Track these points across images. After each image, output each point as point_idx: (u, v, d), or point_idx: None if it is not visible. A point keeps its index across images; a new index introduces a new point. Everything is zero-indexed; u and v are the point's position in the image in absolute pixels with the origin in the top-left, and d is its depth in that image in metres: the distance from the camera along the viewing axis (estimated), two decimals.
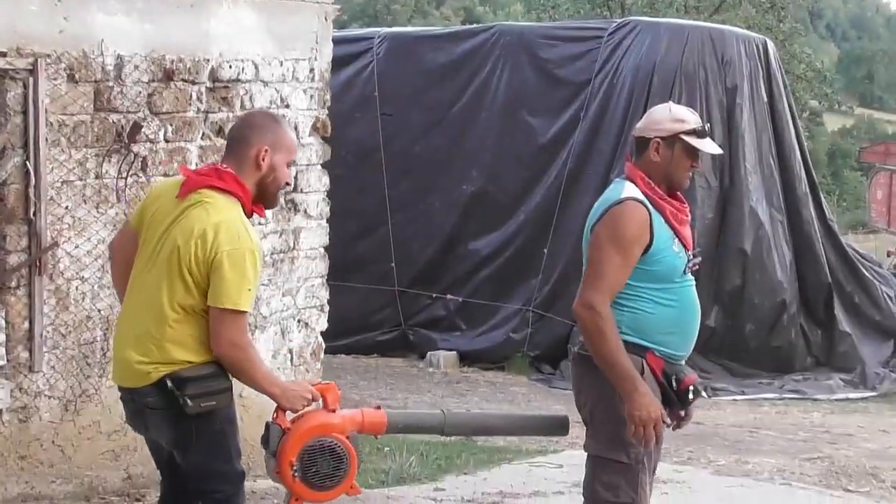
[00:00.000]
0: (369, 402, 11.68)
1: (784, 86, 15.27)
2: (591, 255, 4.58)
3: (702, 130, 4.71)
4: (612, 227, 4.55)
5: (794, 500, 7.78)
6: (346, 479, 4.64)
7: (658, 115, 4.75)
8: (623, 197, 4.60)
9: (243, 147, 4.53)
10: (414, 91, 15.33)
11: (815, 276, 14.60)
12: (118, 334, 4.70)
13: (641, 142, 4.73)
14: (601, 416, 4.60)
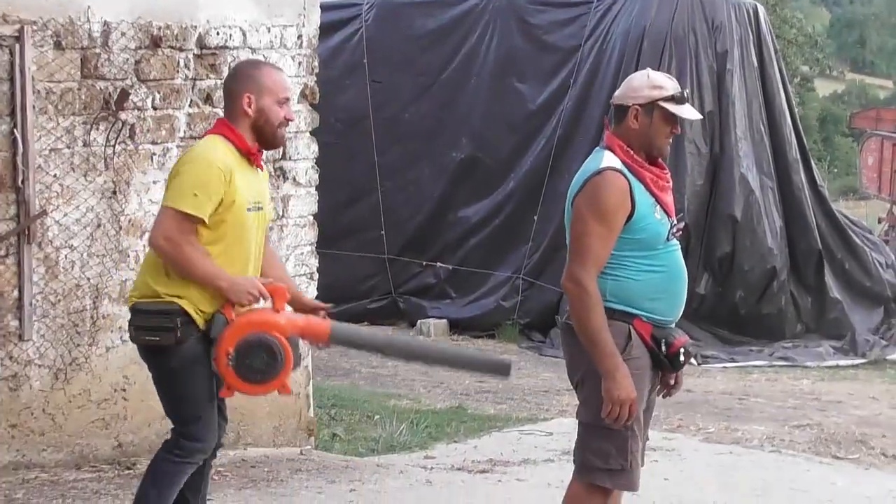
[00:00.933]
0: (360, 370, 11.71)
1: (775, 51, 15.22)
2: (574, 228, 4.57)
3: (680, 96, 4.68)
4: (593, 199, 4.54)
5: (784, 467, 7.80)
6: (276, 377, 4.68)
7: (636, 82, 4.73)
8: (602, 167, 4.58)
9: (232, 99, 4.84)
10: (403, 57, 15.27)
11: (805, 243, 14.60)
12: None
13: (620, 109, 4.71)
14: (591, 384, 4.59)
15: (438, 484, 6.70)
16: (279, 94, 4.84)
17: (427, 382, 11.22)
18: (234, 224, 4.71)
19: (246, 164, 4.81)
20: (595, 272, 4.51)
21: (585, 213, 4.54)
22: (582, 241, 4.53)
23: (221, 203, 4.66)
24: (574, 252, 4.55)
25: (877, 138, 30.67)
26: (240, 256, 4.77)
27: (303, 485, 6.36)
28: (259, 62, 5.29)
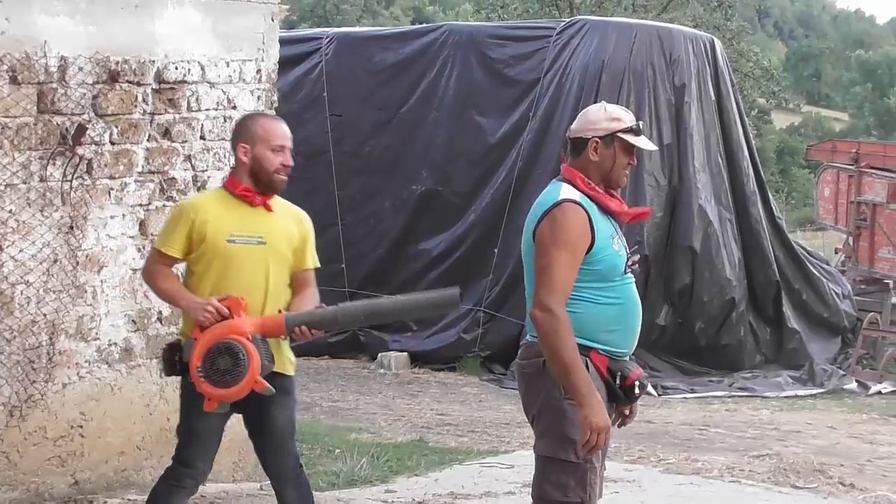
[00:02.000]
0: (321, 404, 11.67)
1: (732, 84, 15.35)
2: (539, 261, 4.57)
3: (637, 128, 4.75)
4: (555, 229, 4.55)
5: (744, 497, 7.81)
6: (245, 375, 4.92)
7: (594, 115, 4.76)
8: (560, 199, 4.60)
9: (232, 149, 5.28)
10: (363, 91, 15.31)
11: (763, 274, 14.70)
12: None
13: (579, 142, 4.74)
14: (549, 416, 4.60)
15: None
16: (272, 141, 5.17)
17: (388, 416, 11.20)
18: (215, 257, 5.07)
19: (242, 205, 5.18)
20: (563, 300, 4.52)
21: (549, 244, 4.55)
22: (547, 271, 4.54)
23: (193, 239, 5.08)
24: (541, 283, 4.55)
25: (833, 170, 30.90)
26: (235, 288, 5.05)
27: None
28: (256, 114, 5.85)
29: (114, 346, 6.26)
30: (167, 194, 6.52)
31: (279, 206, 5.29)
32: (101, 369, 6.23)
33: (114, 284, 6.27)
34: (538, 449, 4.67)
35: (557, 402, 4.58)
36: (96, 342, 6.20)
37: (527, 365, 4.68)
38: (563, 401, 4.57)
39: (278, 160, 5.18)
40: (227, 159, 6.88)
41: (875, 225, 30.67)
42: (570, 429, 4.56)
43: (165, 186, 6.52)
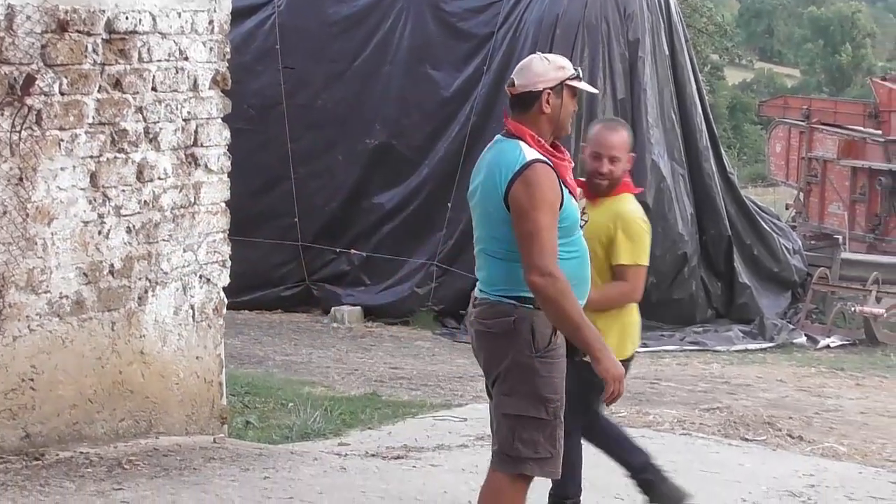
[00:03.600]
0: (274, 358, 11.66)
1: (685, 39, 15.38)
2: (525, 226, 4.53)
3: (580, 73, 4.82)
4: (534, 193, 4.54)
5: (694, 450, 7.88)
6: None
7: (539, 66, 4.75)
8: (529, 160, 4.59)
9: None
10: (316, 44, 15.21)
11: (715, 229, 14.79)
12: None
13: (528, 97, 4.72)
14: (518, 375, 4.59)
15: (353, 470, 6.69)
16: (591, 148, 5.63)
17: (342, 370, 11.21)
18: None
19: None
20: (556, 261, 4.54)
21: (530, 208, 4.53)
22: (537, 235, 4.52)
23: None
24: (533, 248, 4.51)
25: (784, 126, 31.06)
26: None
27: (216, 473, 6.31)
28: (599, 119, 6.55)
29: (65, 298, 6.21)
30: (118, 146, 6.45)
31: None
32: (52, 322, 6.17)
33: (64, 237, 6.21)
34: (507, 408, 4.63)
35: (528, 360, 4.59)
36: (47, 295, 6.14)
37: (492, 325, 4.65)
38: (534, 358, 4.58)
39: (593, 166, 5.57)
40: (179, 111, 6.82)
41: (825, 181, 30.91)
42: (542, 387, 4.59)
43: (116, 138, 6.44)
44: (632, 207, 5.65)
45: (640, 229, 5.62)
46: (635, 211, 5.65)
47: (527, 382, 4.59)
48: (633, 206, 5.67)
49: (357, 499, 6.15)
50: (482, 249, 4.73)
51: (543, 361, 4.59)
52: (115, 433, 6.50)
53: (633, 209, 5.65)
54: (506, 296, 4.64)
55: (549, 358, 4.62)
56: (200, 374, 7.01)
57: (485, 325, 4.70)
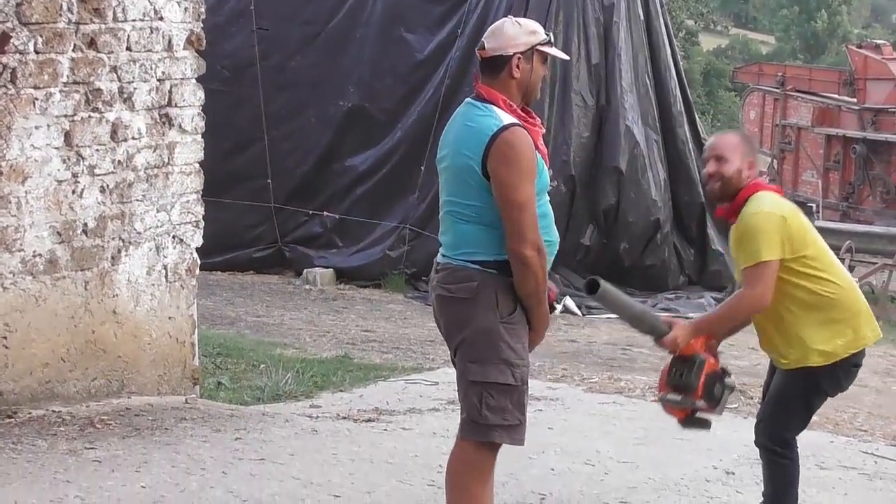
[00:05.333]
0: (245, 319, 11.66)
1: (661, 4, 15.36)
2: (511, 195, 4.51)
3: (551, 39, 4.79)
4: (516, 160, 4.52)
5: (664, 416, 7.89)
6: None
7: (511, 30, 4.73)
8: (505, 124, 4.58)
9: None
10: (290, 5, 15.14)
11: (688, 196, 14.81)
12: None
13: (498, 60, 4.70)
14: (484, 340, 4.58)
15: (324, 433, 6.71)
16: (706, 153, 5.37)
17: (313, 332, 11.21)
18: None
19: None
20: (538, 233, 4.57)
21: (513, 176, 4.51)
22: (526, 207, 4.52)
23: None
24: (522, 220, 4.51)
25: (759, 93, 31.11)
26: None
27: (187, 433, 6.33)
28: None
29: (38, 257, 6.19)
30: (92, 105, 6.42)
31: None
32: (26, 280, 6.16)
33: (38, 195, 6.19)
34: (474, 375, 4.61)
35: (493, 326, 4.58)
36: (20, 253, 6.12)
37: (457, 289, 4.62)
38: (498, 324, 4.59)
39: (703, 173, 5.37)
40: (154, 71, 6.80)
41: (799, 148, 31.03)
42: (507, 351, 4.59)
43: (91, 97, 6.42)
44: (751, 206, 5.18)
45: (750, 227, 5.14)
46: (752, 208, 5.17)
47: (492, 348, 4.59)
48: (753, 204, 5.19)
49: (328, 461, 6.18)
50: (449, 212, 4.70)
51: (508, 327, 4.60)
52: (88, 392, 6.51)
53: (752, 207, 5.17)
54: (470, 260, 4.62)
55: (513, 323, 4.62)
56: (173, 334, 7.01)
57: (447, 290, 4.67)
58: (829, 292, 5.18)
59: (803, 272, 5.14)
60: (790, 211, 5.21)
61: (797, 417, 5.30)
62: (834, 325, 5.18)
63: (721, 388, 5.24)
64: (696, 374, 5.18)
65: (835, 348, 5.18)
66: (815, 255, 5.19)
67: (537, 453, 6.47)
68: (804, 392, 5.23)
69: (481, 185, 4.57)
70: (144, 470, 5.69)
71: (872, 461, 7.08)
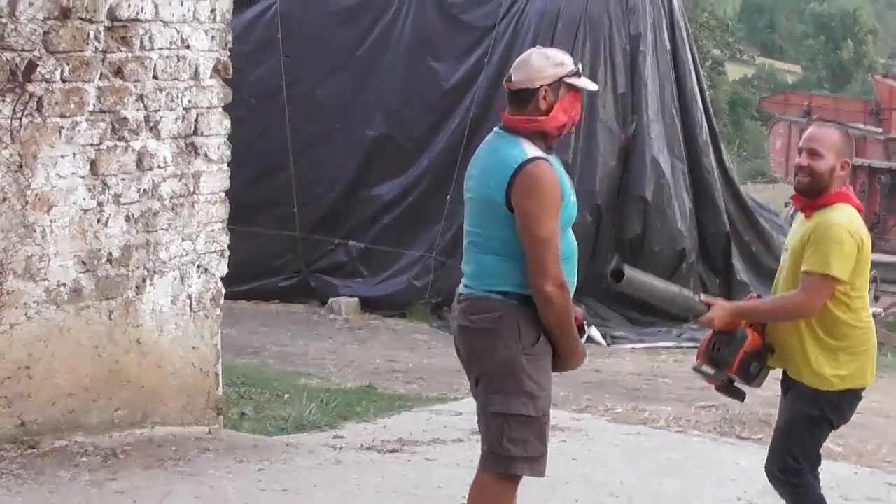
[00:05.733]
0: (270, 349, 11.65)
1: (687, 34, 15.36)
2: (534, 230, 4.48)
3: (580, 70, 4.73)
4: (537, 194, 4.49)
5: (689, 447, 7.88)
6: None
7: (538, 62, 4.69)
8: (530, 157, 4.56)
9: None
10: (317, 34, 15.18)
11: (714, 225, 14.77)
12: None
13: (525, 93, 4.66)
14: (506, 372, 4.56)
15: (348, 463, 6.69)
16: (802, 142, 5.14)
17: (338, 361, 11.20)
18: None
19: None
20: (560, 269, 4.55)
21: (536, 210, 4.49)
22: (550, 243, 4.50)
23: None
24: (546, 256, 4.49)
25: (785, 122, 31.04)
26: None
27: (210, 464, 6.31)
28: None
29: (63, 286, 6.20)
30: (119, 134, 6.43)
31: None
32: (50, 310, 6.16)
33: (63, 224, 6.19)
34: (496, 406, 4.59)
35: (515, 357, 4.56)
36: (45, 283, 6.13)
37: (479, 320, 4.60)
38: (521, 355, 4.56)
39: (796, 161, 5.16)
40: (180, 99, 6.81)
41: None
42: (529, 383, 4.56)
43: (117, 126, 6.43)
44: (838, 215, 5.00)
45: (834, 236, 4.95)
46: (840, 218, 5.00)
47: (514, 379, 4.56)
48: (841, 214, 5.02)
49: (352, 492, 6.15)
50: (472, 242, 4.69)
51: (530, 358, 4.58)
52: (111, 422, 6.49)
53: (840, 217, 5.00)
54: (492, 290, 4.60)
55: (535, 355, 4.60)
56: (197, 364, 7.00)
57: (469, 321, 4.64)
58: (857, 324, 5.11)
59: (842, 299, 5.03)
60: (867, 236, 5.10)
61: (803, 447, 5.21)
62: (848, 355, 5.09)
63: (759, 367, 5.17)
64: (734, 350, 5.11)
65: (846, 377, 5.10)
66: (860, 286, 5.10)
67: (561, 484, 6.42)
68: (809, 422, 5.16)
69: (505, 217, 4.55)
70: (167, 501, 5.68)
71: None
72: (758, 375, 5.20)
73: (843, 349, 5.07)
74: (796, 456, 5.18)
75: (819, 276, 4.93)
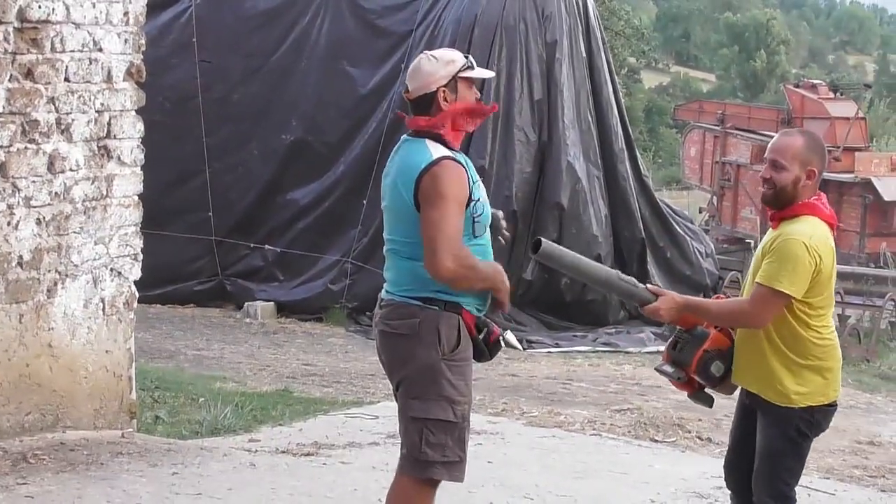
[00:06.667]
0: (185, 353, 11.57)
1: (602, 42, 15.48)
2: (428, 214, 4.51)
3: (471, 62, 4.75)
4: (440, 192, 4.51)
5: (604, 450, 7.94)
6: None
7: (428, 66, 4.73)
8: (435, 158, 4.58)
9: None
10: (233, 38, 15.13)
11: (629, 232, 14.90)
12: None
13: (425, 99, 4.71)
14: (425, 377, 4.57)
15: (262, 467, 6.66)
16: (766, 152, 5.04)
17: (254, 365, 11.14)
18: None
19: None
20: (456, 244, 4.51)
21: (436, 198, 4.50)
22: (438, 226, 4.49)
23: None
24: (437, 237, 4.48)
25: (699, 130, 31.42)
26: None
27: (123, 468, 6.25)
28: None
29: None
30: (29, 136, 6.36)
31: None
32: None
33: None
34: (415, 411, 4.60)
35: (435, 362, 4.57)
36: None
37: (399, 325, 4.62)
38: (440, 361, 4.57)
39: (761, 172, 5.03)
40: (92, 102, 6.75)
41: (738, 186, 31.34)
42: (449, 389, 4.57)
43: (27, 128, 6.36)
44: (800, 229, 4.85)
45: (790, 252, 4.80)
46: (801, 233, 4.83)
47: (434, 385, 4.57)
48: (803, 227, 4.86)
49: (266, 495, 6.13)
50: (391, 249, 4.71)
51: (450, 364, 4.59)
52: (21, 427, 6.41)
53: (801, 231, 4.84)
54: (412, 296, 4.61)
55: (456, 361, 4.61)
56: (110, 368, 6.94)
57: (390, 326, 4.65)
58: (819, 342, 4.94)
59: (801, 316, 4.88)
60: (828, 253, 4.88)
61: (792, 469, 5.05)
62: (811, 372, 4.92)
63: (722, 367, 5.02)
64: (692, 349, 5.00)
65: (809, 393, 4.93)
66: (820, 303, 4.92)
67: (477, 487, 6.44)
68: (790, 442, 4.98)
69: (416, 220, 4.56)
70: None
71: (806, 494, 7.10)
72: (721, 379, 5.06)
73: (807, 366, 4.91)
74: (787, 480, 5.03)
75: (767, 290, 4.81)
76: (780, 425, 4.95)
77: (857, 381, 12.80)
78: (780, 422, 4.95)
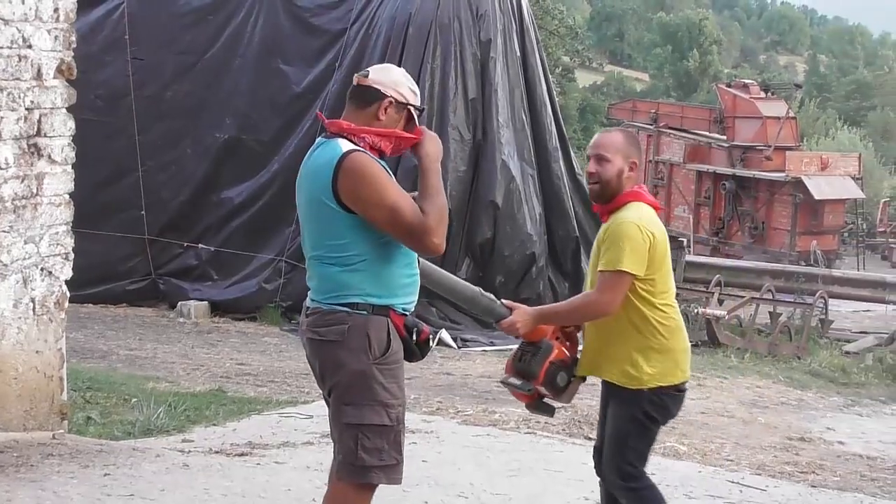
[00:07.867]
0: (118, 353, 11.48)
1: (536, 41, 15.53)
2: (380, 208, 4.44)
3: (422, 111, 4.75)
4: (364, 178, 4.45)
5: (539, 448, 7.97)
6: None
7: (399, 77, 4.69)
8: (345, 151, 4.51)
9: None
10: (166, 35, 15.02)
11: (563, 230, 14.96)
12: None
13: (373, 93, 4.64)
14: (358, 383, 4.53)
15: (196, 467, 6.62)
16: (588, 149, 5.27)
17: (187, 365, 11.07)
18: None
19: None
20: (419, 216, 4.46)
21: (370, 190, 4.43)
22: (397, 206, 4.43)
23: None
24: (403, 224, 4.43)
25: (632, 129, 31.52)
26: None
27: (54, 470, 6.19)
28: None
29: None
30: None
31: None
32: None
33: None
34: (349, 417, 4.54)
35: (367, 368, 4.52)
36: None
37: (327, 332, 4.55)
38: (372, 366, 4.53)
39: (587, 168, 5.22)
40: (22, 99, 6.68)
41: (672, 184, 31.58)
42: (382, 393, 4.53)
43: None
44: (628, 213, 5.07)
45: (623, 233, 5.01)
46: (630, 216, 5.06)
47: (367, 390, 4.53)
48: (631, 212, 5.09)
49: (199, 496, 6.09)
50: (313, 257, 4.63)
51: (382, 368, 4.55)
52: None
53: (630, 215, 5.07)
54: (338, 303, 4.54)
55: (387, 364, 4.57)
56: (40, 368, 6.86)
57: (318, 334, 4.58)
58: (665, 322, 5.10)
59: (645, 296, 5.05)
60: (660, 232, 5.12)
61: (637, 450, 5.19)
62: (657, 353, 5.06)
63: (566, 377, 5.17)
64: (539, 361, 5.14)
65: (657, 374, 5.06)
66: (661, 283, 5.10)
67: (411, 486, 6.44)
68: (637, 424, 5.12)
69: (341, 220, 4.51)
70: None
71: (738, 490, 7.18)
72: (566, 388, 5.20)
73: (652, 347, 5.05)
74: (632, 461, 5.16)
75: (611, 273, 4.99)
76: (628, 406, 5.10)
77: (787, 377, 12.93)
78: (628, 403, 5.10)
